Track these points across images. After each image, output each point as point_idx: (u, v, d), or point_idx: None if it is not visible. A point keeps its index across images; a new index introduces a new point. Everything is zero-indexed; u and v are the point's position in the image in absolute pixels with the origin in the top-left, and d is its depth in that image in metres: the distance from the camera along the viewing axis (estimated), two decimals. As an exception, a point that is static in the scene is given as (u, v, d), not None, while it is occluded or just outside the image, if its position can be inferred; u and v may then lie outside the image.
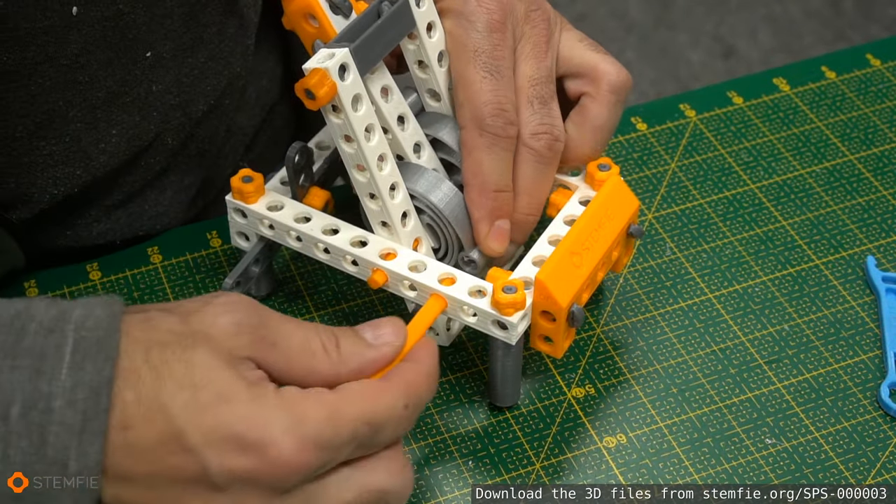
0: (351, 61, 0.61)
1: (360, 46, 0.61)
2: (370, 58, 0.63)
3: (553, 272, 0.62)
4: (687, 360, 0.69)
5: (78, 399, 0.51)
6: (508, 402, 0.66)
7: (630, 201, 0.67)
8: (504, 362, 0.64)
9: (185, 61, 0.72)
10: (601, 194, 0.66)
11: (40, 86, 0.66)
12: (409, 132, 0.66)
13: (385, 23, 0.63)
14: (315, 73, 0.60)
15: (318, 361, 0.56)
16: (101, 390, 0.51)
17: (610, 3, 2.16)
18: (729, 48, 2.08)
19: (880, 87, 0.85)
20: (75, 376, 0.51)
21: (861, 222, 0.76)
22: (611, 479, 0.64)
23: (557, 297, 0.62)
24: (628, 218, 0.66)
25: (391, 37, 0.64)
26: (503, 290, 0.61)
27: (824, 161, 0.80)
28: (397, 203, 0.65)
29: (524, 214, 0.67)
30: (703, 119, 0.83)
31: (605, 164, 0.68)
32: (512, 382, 0.65)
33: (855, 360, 0.69)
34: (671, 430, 0.66)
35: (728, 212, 0.77)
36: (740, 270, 0.74)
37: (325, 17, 0.64)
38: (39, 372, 0.51)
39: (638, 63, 2.06)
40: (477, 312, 0.63)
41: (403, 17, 0.64)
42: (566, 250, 0.63)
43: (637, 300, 0.72)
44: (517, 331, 0.62)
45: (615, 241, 0.66)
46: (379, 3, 0.64)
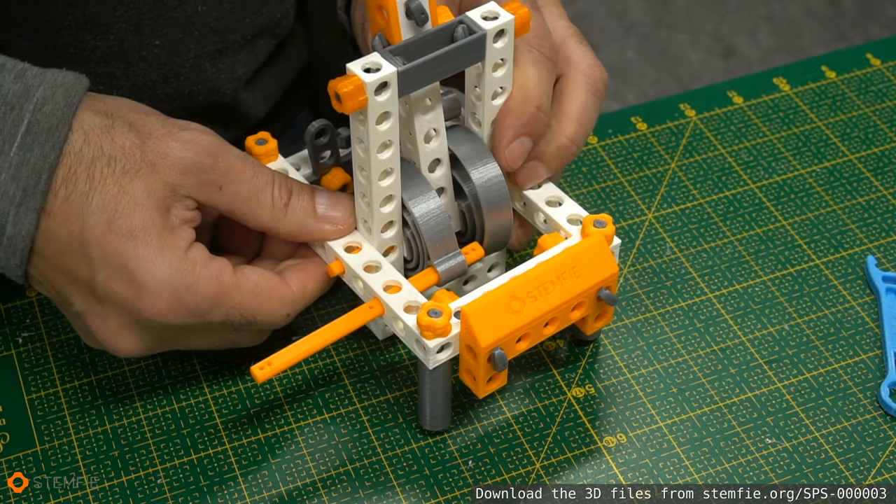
0: (394, 81, 0.59)
1: (412, 70, 0.59)
2: (421, 80, 0.60)
3: (481, 309, 0.60)
4: (687, 360, 0.69)
5: (21, 176, 0.58)
6: (437, 427, 0.65)
7: (608, 265, 0.64)
8: (429, 385, 0.63)
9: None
10: (573, 249, 0.63)
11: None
12: (432, 147, 0.64)
13: (452, 52, 0.61)
14: (351, 81, 0.58)
15: (261, 211, 0.62)
16: (42, 174, 0.58)
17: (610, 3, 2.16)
18: (729, 48, 2.08)
19: (880, 86, 0.85)
20: (22, 156, 0.58)
21: (861, 222, 0.76)
22: (611, 479, 0.64)
23: (478, 335, 0.60)
24: (600, 281, 0.63)
25: (454, 65, 0.61)
26: (429, 312, 0.61)
27: (824, 161, 0.80)
28: (385, 213, 0.64)
29: (569, 140, 0.65)
30: (703, 119, 0.83)
31: (602, 221, 0.65)
32: (440, 406, 0.64)
33: (855, 360, 0.69)
34: (671, 429, 0.66)
35: (728, 212, 0.77)
36: (740, 270, 0.74)
37: (396, 19, 0.60)
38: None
39: (638, 63, 2.06)
40: (405, 327, 0.62)
41: (475, 49, 0.61)
42: (507, 292, 0.61)
43: (637, 300, 0.72)
44: (434, 356, 0.61)
45: (574, 300, 0.63)
46: (456, 24, 0.61)
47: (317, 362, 0.69)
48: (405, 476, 0.64)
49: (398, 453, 0.65)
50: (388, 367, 0.69)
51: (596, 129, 0.82)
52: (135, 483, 0.64)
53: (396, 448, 0.65)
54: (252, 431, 0.66)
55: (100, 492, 0.63)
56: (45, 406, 0.67)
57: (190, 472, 0.64)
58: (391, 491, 0.63)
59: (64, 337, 0.70)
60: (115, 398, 0.67)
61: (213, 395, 0.67)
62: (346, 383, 0.68)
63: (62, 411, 0.67)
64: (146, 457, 0.65)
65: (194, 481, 0.64)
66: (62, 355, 0.69)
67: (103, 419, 0.66)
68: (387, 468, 0.64)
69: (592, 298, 0.64)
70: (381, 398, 0.67)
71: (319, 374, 0.68)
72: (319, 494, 0.63)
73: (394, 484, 0.64)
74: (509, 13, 0.62)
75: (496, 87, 0.64)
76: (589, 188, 0.78)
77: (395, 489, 0.64)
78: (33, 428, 0.66)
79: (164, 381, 0.68)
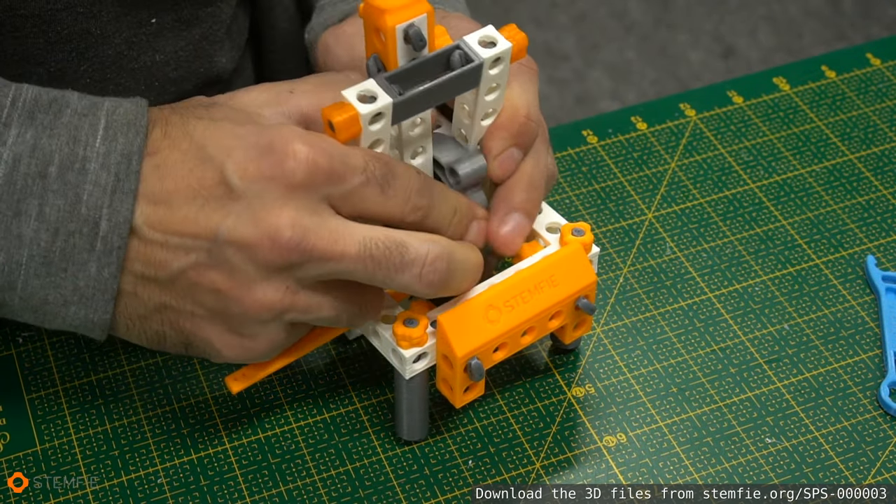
0: (389, 112, 0.58)
1: (407, 101, 0.58)
2: (416, 108, 0.59)
3: (458, 318, 0.60)
4: (687, 360, 0.69)
5: (111, 163, 0.56)
6: (415, 437, 0.65)
7: (585, 274, 0.63)
8: (406, 395, 0.63)
9: (182, 34, 0.73)
10: (551, 258, 0.63)
11: (58, 34, 0.68)
12: (417, 163, 0.63)
13: (449, 81, 0.59)
14: (345, 110, 0.57)
15: None
16: (132, 157, 0.56)
17: (610, 3, 2.16)
18: (729, 48, 2.08)
19: (880, 86, 0.85)
20: (108, 145, 0.56)
21: (861, 222, 0.76)
22: (611, 479, 0.64)
23: (454, 345, 0.60)
24: (577, 290, 0.63)
25: (448, 92, 0.60)
26: (405, 321, 0.60)
27: (824, 161, 0.80)
28: None
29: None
30: (703, 118, 0.83)
31: (581, 230, 0.64)
32: (417, 416, 0.64)
33: (855, 360, 0.69)
34: (671, 429, 0.66)
35: (728, 211, 0.77)
36: (740, 270, 0.74)
37: (394, 44, 0.58)
38: (76, 140, 0.56)
39: (638, 63, 2.06)
40: (381, 337, 0.62)
41: (471, 77, 0.60)
42: (483, 302, 0.61)
43: (637, 300, 0.72)
44: (411, 366, 0.61)
45: (551, 309, 0.62)
46: (452, 50, 0.60)
47: (317, 362, 0.69)
48: (405, 476, 0.64)
49: (398, 453, 0.65)
50: (389, 366, 0.69)
51: (596, 128, 0.82)
52: (135, 483, 0.64)
53: (396, 448, 0.65)
54: (252, 431, 0.66)
55: (100, 492, 0.63)
56: (45, 406, 0.67)
57: (190, 472, 0.64)
58: (391, 491, 0.63)
59: (64, 337, 0.70)
60: (115, 398, 0.67)
61: (213, 395, 0.67)
62: (346, 383, 0.68)
63: (62, 411, 0.67)
64: (146, 457, 0.65)
65: (194, 481, 0.64)
66: (62, 355, 0.69)
67: (103, 419, 0.66)
68: (387, 468, 0.64)
69: (570, 307, 0.63)
70: (381, 398, 0.67)
71: (319, 374, 0.68)
72: (319, 494, 0.63)
73: (394, 484, 0.64)
74: (507, 41, 0.60)
75: (487, 109, 0.63)
76: (589, 188, 0.78)
77: (395, 489, 0.64)
78: (33, 428, 0.66)
79: (164, 381, 0.68)
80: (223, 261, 0.56)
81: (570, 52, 2.08)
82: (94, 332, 0.58)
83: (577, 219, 0.76)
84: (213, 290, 0.57)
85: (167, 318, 0.59)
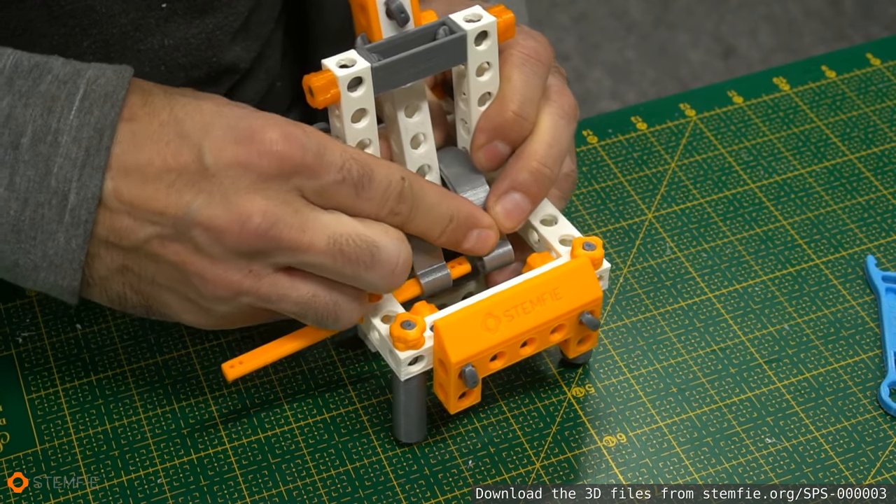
0: (369, 77, 0.59)
1: (387, 66, 0.59)
2: (399, 78, 0.60)
3: (454, 324, 0.60)
4: (687, 360, 0.69)
5: (83, 137, 0.56)
6: (412, 439, 0.65)
7: (591, 289, 0.62)
8: (403, 396, 0.63)
9: (194, 22, 0.73)
10: (556, 270, 0.62)
11: (61, 8, 0.67)
12: (419, 153, 0.64)
13: (430, 50, 0.61)
14: (324, 76, 0.59)
15: None
16: (104, 131, 0.57)
17: (610, 2, 2.16)
18: (729, 48, 2.08)
19: (880, 86, 0.85)
20: (82, 118, 0.57)
21: (861, 222, 0.76)
22: (611, 479, 0.64)
23: (449, 351, 0.60)
24: (581, 305, 0.62)
25: (433, 64, 0.61)
26: (402, 323, 0.60)
27: (824, 161, 0.80)
28: None
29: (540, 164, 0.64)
30: (703, 119, 0.83)
31: (592, 244, 0.63)
32: (414, 418, 0.64)
33: (855, 360, 0.69)
34: (671, 429, 0.66)
35: (728, 211, 0.77)
36: (740, 270, 0.74)
37: (377, 18, 0.61)
38: (51, 111, 0.57)
39: (638, 63, 2.06)
40: (379, 337, 0.62)
41: (455, 50, 0.61)
42: (482, 309, 0.61)
43: (637, 300, 0.72)
44: (406, 368, 0.61)
45: (552, 322, 0.62)
46: (438, 25, 0.62)
47: (317, 362, 0.69)
48: (405, 476, 0.64)
49: (398, 453, 0.65)
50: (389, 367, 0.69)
51: (596, 128, 0.82)
52: (135, 483, 0.64)
53: (396, 448, 0.65)
54: (252, 431, 0.66)
55: (100, 492, 0.63)
56: (45, 406, 0.67)
57: (190, 472, 0.64)
58: (391, 491, 0.63)
59: (64, 337, 0.70)
60: (115, 398, 0.67)
61: (213, 395, 0.67)
62: (346, 383, 0.68)
63: (62, 411, 0.67)
64: (146, 457, 0.65)
65: (194, 481, 0.64)
66: (62, 355, 0.69)
67: (103, 419, 0.66)
68: (387, 468, 0.64)
69: (574, 322, 0.63)
70: (380, 398, 0.67)
71: (319, 374, 0.68)
72: (319, 494, 0.63)
73: (394, 484, 0.64)
74: (492, 16, 0.62)
75: (482, 91, 0.63)
76: (589, 188, 0.78)
77: (394, 489, 0.64)
78: (33, 428, 0.66)
79: (164, 381, 0.68)
80: (189, 238, 0.57)
81: (570, 52, 2.08)
82: (64, 296, 0.60)
83: (577, 219, 0.76)
84: (174, 262, 0.58)
85: (128, 281, 0.60)
